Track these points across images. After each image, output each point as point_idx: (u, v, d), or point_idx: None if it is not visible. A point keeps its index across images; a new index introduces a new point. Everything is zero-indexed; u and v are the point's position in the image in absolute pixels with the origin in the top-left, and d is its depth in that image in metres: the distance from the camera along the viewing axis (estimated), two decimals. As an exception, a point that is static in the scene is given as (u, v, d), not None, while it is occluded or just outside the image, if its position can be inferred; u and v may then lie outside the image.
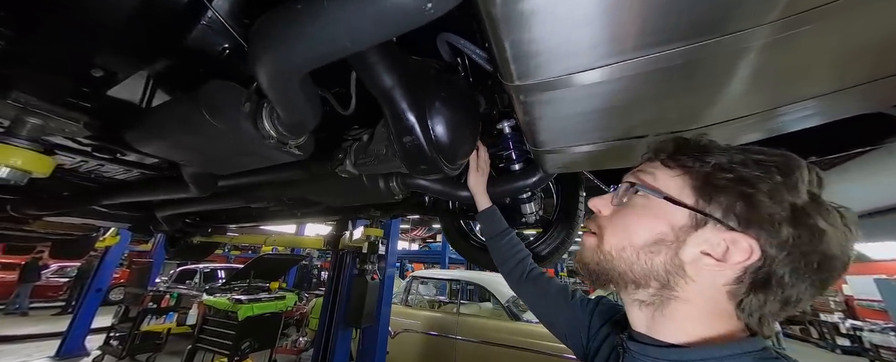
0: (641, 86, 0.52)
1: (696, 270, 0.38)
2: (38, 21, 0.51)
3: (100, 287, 5.01)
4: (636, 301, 0.43)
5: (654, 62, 0.46)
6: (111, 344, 4.53)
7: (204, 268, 7.10)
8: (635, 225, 0.42)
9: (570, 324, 0.67)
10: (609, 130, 0.70)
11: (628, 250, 0.41)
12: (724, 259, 0.36)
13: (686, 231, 0.38)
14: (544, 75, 0.53)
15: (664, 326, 0.41)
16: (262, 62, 0.46)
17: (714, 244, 0.37)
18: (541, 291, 0.78)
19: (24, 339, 5.22)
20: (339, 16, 0.36)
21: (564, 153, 0.83)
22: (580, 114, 0.63)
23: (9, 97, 0.53)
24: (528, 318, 3.42)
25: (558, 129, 0.72)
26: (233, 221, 2.26)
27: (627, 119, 0.64)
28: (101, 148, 0.98)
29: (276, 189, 1.28)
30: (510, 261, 0.90)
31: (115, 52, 0.63)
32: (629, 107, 0.59)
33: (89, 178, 1.42)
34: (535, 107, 0.63)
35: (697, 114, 0.62)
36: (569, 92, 0.55)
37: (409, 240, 12.58)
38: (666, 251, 0.39)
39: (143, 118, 0.76)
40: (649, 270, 0.40)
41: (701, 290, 0.39)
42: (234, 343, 3.32)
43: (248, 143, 0.71)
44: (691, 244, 0.38)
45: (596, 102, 0.58)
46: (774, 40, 0.41)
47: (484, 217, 0.98)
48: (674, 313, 0.40)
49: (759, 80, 0.50)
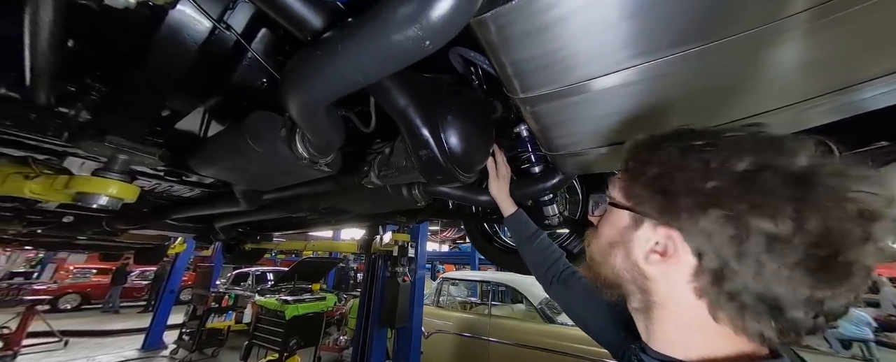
0: (663, 86, 0.52)
1: (652, 269, 0.38)
2: (123, 77, 0.64)
3: (172, 288, 5.73)
4: (633, 310, 0.44)
5: (676, 63, 0.45)
6: (183, 338, 5.17)
7: (255, 271, 7.81)
8: (599, 232, 0.46)
9: (604, 329, 0.66)
10: (629, 132, 0.69)
11: (599, 255, 0.45)
12: (664, 253, 0.37)
13: (628, 231, 0.41)
14: (549, 86, 0.55)
15: (655, 333, 0.41)
16: (292, 98, 0.53)
17: (652, 240, 0.38)
18: (571, 291, 0.77)
19: (117, 334, 6.13)
20: (351, 58, 0.42)
21: (583, 155, 0.82)
22: (595, 118, 0.64)
23: (105, 140, 0.66)
24: (563, 320, 3.32)
25: (572, 134, 0.73)
26: (277, 229, 2.49)
27: (649, 119, 0.62)
28: (171, 172, 1.16)
29: (312, 200, 1.41)
30: (544, 263, 0.88)
31: (179, 94, 0.76)
32: (651, 107, 0.59)
33: (162, 197, 1.67)
34: (544, 115, 0.65)
35: (724, 106, 0.59)
36: (580, 98, 0.57)
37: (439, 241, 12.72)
38: (619, 253, 0.42)
39: (202, 146, 0.89)
40: (616, 273, 0.42)
41: (667, 290, 0.38)
42: (283, 340, 3.63)
43: (285, 164, 0.80)
44: (636, 243, 0.40)
45: (612, 105, 0.59)
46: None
47: (511, 222, 0.98)
48: (659, 319, 0.40)
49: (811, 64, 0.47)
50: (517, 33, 0.43)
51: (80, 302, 8.44)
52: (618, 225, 0.42)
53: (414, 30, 0.37)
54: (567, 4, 0.39)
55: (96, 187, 0.67)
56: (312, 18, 0.45)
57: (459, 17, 0.37)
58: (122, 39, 0.59)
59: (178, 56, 0.60)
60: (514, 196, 1.07)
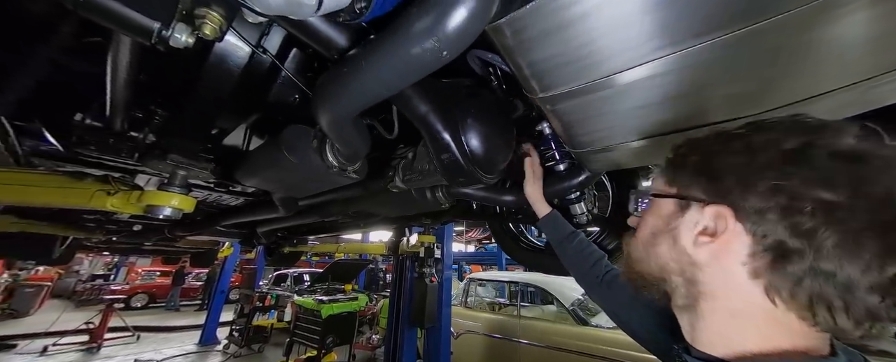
0: (697, 75, 0.49)
1: (702, 253, 0.36)
2: (180, 103, 0.73)
3: (222, 289, 6.27)
4: (677, 307, 0.41)
5: (713, 49, 0.42)
6: (233, 335, 5.64)
7: (293, 273, 8.32)
8: (642, 227, 0.45)
9: (652, 336, 0.62)
10: (661, 124, 0.65)
11: (640, 249, 0.44)
12: (714, 233, 0.35)
13: (674, 217, 0.40)
14: (569, 84, 0.54)
15: (701, 331, 0.38)
16: (322, 112, 0.58)
17: (701, 223, 0.36)
18: (615, 294, 0.73)
19: (179, 330, 6.81)
20: (374, 73, 0.45)
21: (610, 151, 0.80)
22: (621, 112, 0.61)
23: (167, 159, 0.75)
24: (598, 323, 3.17)
25: (597, 130, 0.71)
26: (311, 233, 2.64)
27: (683, 110, 0.59)
28: (220, 184, 1.28)
29: (342, 205, 1.48)
30: (582, 264, 0.84)
31: (225, 114, 0.84)
32: (684, 98, 0.55)
33: (213, 206, 1.85)
34: (565, 113, 0.64)
35: (769, 91, 0.54)
36: (604, 94, 0.55)
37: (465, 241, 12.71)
38: (664, 241, 0.40)
39: (245, 160, 0.98)
40: (660, 266, 0.41)
41: (718, 276, 0.35)
42: (320, 338, 3.83)
43: (318, 172, 0.86)
44: (684, 229, 0.38)
45: (639, 99, 0.56)
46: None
47: (546, 223, 0.95)
48: (707, 312, 0.37)
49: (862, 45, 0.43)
50: (533, 35, 0.44)
51: (148, 300, 9.51)
52: (662, 214, 0.41)
53: (431, 42, 0.39)
54: (587, 0, 0.39)
55: (162, 200, 0.76)
56: (338, 38, 0.49)
57: (474, 26, 0.38)
58: (179, 70, 0.67)
59: (224, 80, 0.68)
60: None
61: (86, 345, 5.28)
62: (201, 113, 0.71)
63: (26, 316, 7.39)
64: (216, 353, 5.45)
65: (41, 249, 2.24)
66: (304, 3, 0.29)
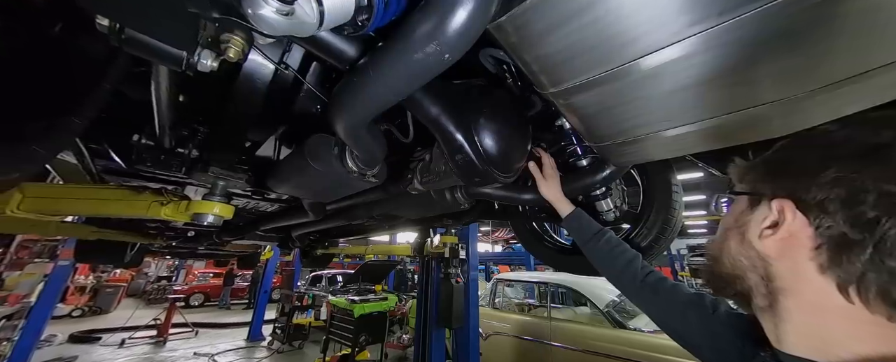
0: (733, 53, 0.42)
1: (768, 246, 0.36)
2: (217, 119, 0.80)
3: (266, 289, 6.76)
4: (758, 309, 0.40)
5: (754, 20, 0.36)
6: (276, 332, 6.06)
7: (327, 274, 8.75)
8: (721, 225, 0.45)
9: (715, 347, 0.55)
10: (689, 111, 0.59)
11: (715, 249, 0.44)
12: (776, 225, 0.35)
13: (745, 214, 0.40)
14: (581, 76, 0.52)
15: (787, 333, 0.36)
16: (337, 121, 0.61)
17: (768, 216, 0.37)
18: (665, 301, 0.66)
19: (231, 326, 7.45)
20: (381, 80, 0.47)
21: (634, 143, 0.75)
22: (644, 101, 0.56)
23: (209, 171, 0.83)
24: (636, 326, 2.98)
25: (617, 122, 0.67)
26: (341, 236, 2.77)
27: (718, 93, 0.52)
28: (256, 192, 1.39)
29: (366, 208, 1.54)
30: (614, 264, 0.79)
31: (256, 127, 0.91)
32: (720, 79, 0.48)
33: (252, 212, 2.00)
34: (580, 107, 0.61)
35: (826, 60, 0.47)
36: (622, 83, 0.51)
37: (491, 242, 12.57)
38: (733, 236, 0.41)
39: (275, 169, 1.05)
40: (733, 263, 0.40)
41: (792, 270, 0.35)
42: (353, 336, 3.99)
43: (340, 177, 0.90)
44: (752, 224, 0.39)
45: (665, 85, 0.50)
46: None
47: (570, 222, 0.91)
48: (790, 310, 0.35)
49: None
50: (539, 29, 0.43)
51: (204, 299, 10.50)
52: (735, 212, 0.42)
53: (432, 46, 0.40)
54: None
55: (205, 208, 0.85)
56: (348, 49, 0.51)
57: (475, 27, 0.39)
58: (215, 90, 0.74)
59: (252, 96, 0.74)
60: (563, 192, 1.02)
61: (154, 339, 5.96)
62: (234, 127, 0.78)
63: (108, 312, 8.49)
64: (262, 349, 5.88)
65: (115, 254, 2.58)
66: (306, 21, 0.32)
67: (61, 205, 0.82)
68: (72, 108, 0.48)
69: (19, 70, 0.44)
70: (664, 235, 1.11)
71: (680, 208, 1.15)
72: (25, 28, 0.43)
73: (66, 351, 5.18)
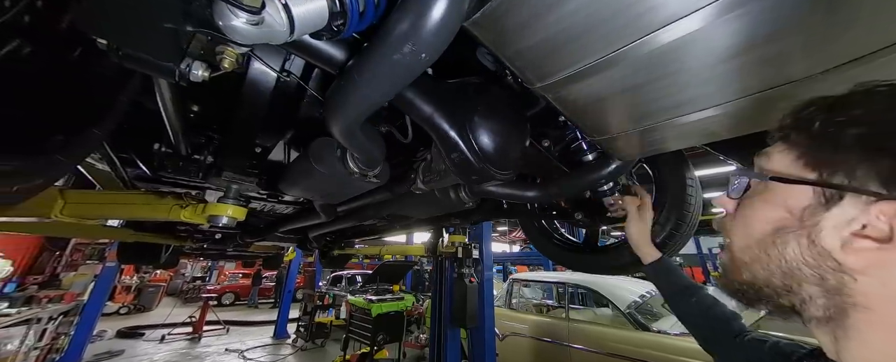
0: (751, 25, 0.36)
1: (857, 260, 0.28)
2: (230, 126, 0.85)
3: (289, 289, 7.04)
4: (812, 320, 0.33)
5: None
6: (300, 330, 6.29)
7: (347, 274, 8.99)
8: (751, 217, 0.36)
9: None
10: (701, 97, 0.54)
11: (753, 249, 0.34)
12: (890, 239, 0.27)
13: (814, 211, 0.31)
14: (569, 68, 0.51)
15: (857, 350, 0.30)
16: (332, 123, 0.63)
17: (860, 220, 0.28)
18: (750, 355, 0.60)
19: (258, 324, 7.82)
20: (365, 82, 0.48)
21: (638, 135, 0.72)
22: (643, 88, 0.53)
23: (223, 175, 0.88)
24: (661, 328, 2.84)
25: (613, 114, 0.65)
26: (355, 236, 2.84)
27: (732, 73, 0.47)
28: (272, 195, 1.46)
29: (375, 209, 1.57)
30: (704, 326, 0.72)
31: (264, 133, 0.96)
32: (733, 58, 0.43)
33: (270, 215, 2.10)
34: (570, 100, 0.60)
35: None
36: (616, 70, 0.49)
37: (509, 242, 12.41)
38: (795, 241, 0.31)
39: (285, 172, 1.10)
40: (789, 270, 0.32)
41: (881, 288, 0.28)
42: (372, 335, 4.07)
43: (343, 179, 0.93)
44: (829, 226, 0.30)
45: (669, 68, 0.46)
46: None
47: (651, 271, 0.86)
48: (860, 330, 0.29)
49: None
50: (518, 22, 0.42)
51: (234, 299, 11.10)
52: (789, 205, 0.32)
53: (408, 47, 0.41)
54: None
55: (219, 210, 0.91)
56: (336, 53, 0.53)
57: (448, 27, 0.39)
58: (223, 99, 0.79)
59: (257, 104, 0.78)
60: (566, 188, 1.00)
61: (190, 335, 6.37)
62: (243, 134, 0.82)
63: (150, 310, 9.18)
64: (287, 346, 6.13)
65: (152, 256, 2.80)
66: (277, 30, 0.33)
67: (96, 209, 0.90)
68: (91, 121, 0.53)
69: (43, 87, 0.50)
70: (679, 232, 1.06)
71: (696, 204, 1.10)
72: (48, 51, 0.49)
73: (114, 346, 5.65)
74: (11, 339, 3.31)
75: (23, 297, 4.09)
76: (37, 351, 3.85)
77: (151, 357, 5.30)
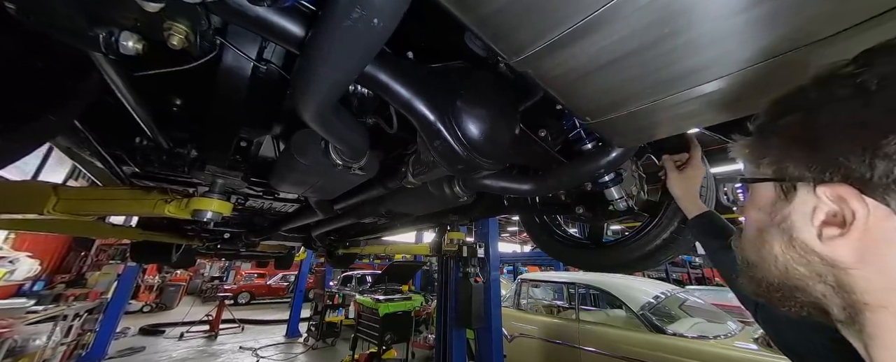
0: None
1: (838, 252, 0.27)
2: (203, 117, 0.83)
3: (301, 289, 7.16)
4: (839, 323, 0.31)
5: None
6: (311, 329, 6.38)
7: (357, 274, 9.07)
8: (744, 223, 0.37)
9: None
10: (700, 68, 0.46)
11: (752, 253, 0.35)
12: (842, 222, 0.26)
13: (778, 206, 0.31)
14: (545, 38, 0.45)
15: (879, 349, 0.27)
16: (301, 109, 0.59)
17: (822, 208, 0.28)
18: (781, 319, 0.56)
19: (272, 323, 8.00)
20: (323, 58, 0.44)
21: (634, 117, 0.65)
22: (631, 58, 0.47)
23: (206, 170, 0.86)
24: (676, 330, 2.70)
25: (602, 90, 0.58)
26: (358, 235, 2.83)
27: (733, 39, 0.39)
28: (267, 192, 1.45)
29: (371, 206, 1.54)
30: None
31: (247, 126, 0.94)
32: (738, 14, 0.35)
33: (270, 213, 2.11)
34: (553, 77, 0.54)
35: None
36: (597, 38, 0.42)
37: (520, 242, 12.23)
38: (774, 238, 0.32)
39: (274, 167, 1.08)
40: (784, 268, 0.31)
41: (877, 277, 0.26)
42: (379, 334, 4.07)
43: (327, 171, 0.90)
44: (797, 219, 0.30)
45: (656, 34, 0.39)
46: None
47: (694, 226, 0.82)
48: (880, 332, 0.27)
49: None
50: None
51: (250, 298, 11.41)
52: (761, 203, 0.33)
53: (357, 11, 0.36)
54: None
55: (204, 205, 0.89)
56: (293, 27, 0.48)
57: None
58: (200, 91, 0.77)
59: (235, 95, 0.75)
60: (563, 180, 0.94)
61: (207, 333, 6.57)
62: (220, 127, 0.80)
63: (171, 308, 9.54)
64: (298, 345, 6.23)
65: (163, 255, 2.88)
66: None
67: (86, 205, 0.91)
68: (47, 108, 0.52)
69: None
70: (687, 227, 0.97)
71: (708, 198, 1.01)
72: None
73: (137, 343, 5.88)
74: (39, 335, 3.48)
75: (51, 295, 4.31)
76: (64, 347, 4.04)
77: (170, 354, 5.49)
